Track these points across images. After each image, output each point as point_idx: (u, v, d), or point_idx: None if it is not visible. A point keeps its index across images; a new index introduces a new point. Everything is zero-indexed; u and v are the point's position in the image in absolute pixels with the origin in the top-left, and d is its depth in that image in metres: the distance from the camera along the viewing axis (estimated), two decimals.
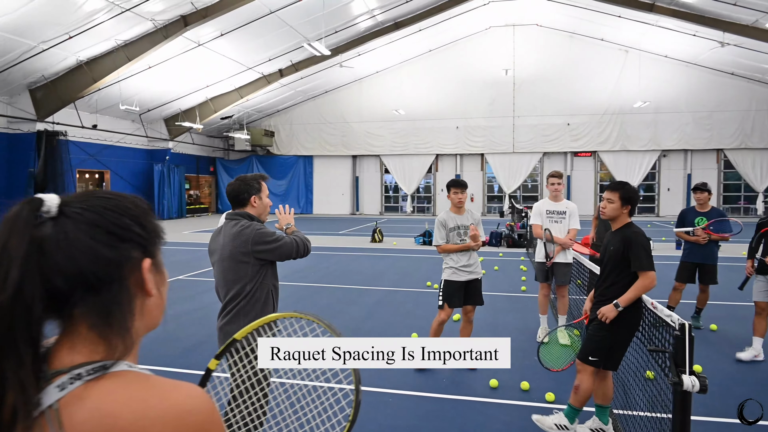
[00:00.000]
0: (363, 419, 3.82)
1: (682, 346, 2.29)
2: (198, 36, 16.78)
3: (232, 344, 1.18)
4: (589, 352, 3.32)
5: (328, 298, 8.01)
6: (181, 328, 6.19)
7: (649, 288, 3.17)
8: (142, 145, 23.58)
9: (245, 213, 2.84)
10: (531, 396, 4.26)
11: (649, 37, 22.11)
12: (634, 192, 3.44)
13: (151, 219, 0.85)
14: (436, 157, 27.60)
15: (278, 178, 29.22)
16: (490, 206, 27.87)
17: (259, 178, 2.90)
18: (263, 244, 2.74)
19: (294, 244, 2.83)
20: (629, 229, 3.36)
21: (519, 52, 25.56)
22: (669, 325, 2.54)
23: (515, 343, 5.56)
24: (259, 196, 2.87)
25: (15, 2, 12.20)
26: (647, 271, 3.18)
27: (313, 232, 18.87)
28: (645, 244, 3.25)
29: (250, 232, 2.73)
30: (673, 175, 25.54)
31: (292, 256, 2.83)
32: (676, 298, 6.20)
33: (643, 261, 3.18)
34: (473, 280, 4.91)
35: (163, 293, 0.87)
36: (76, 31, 14.32)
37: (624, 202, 3.36)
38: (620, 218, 3.42)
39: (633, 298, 3.18)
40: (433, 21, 21.77)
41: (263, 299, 2.80)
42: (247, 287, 2.75)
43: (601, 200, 3.58)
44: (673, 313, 2.53)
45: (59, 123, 18.17)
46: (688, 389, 2.21)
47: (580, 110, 25.44)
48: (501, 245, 14.52)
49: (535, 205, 6.04)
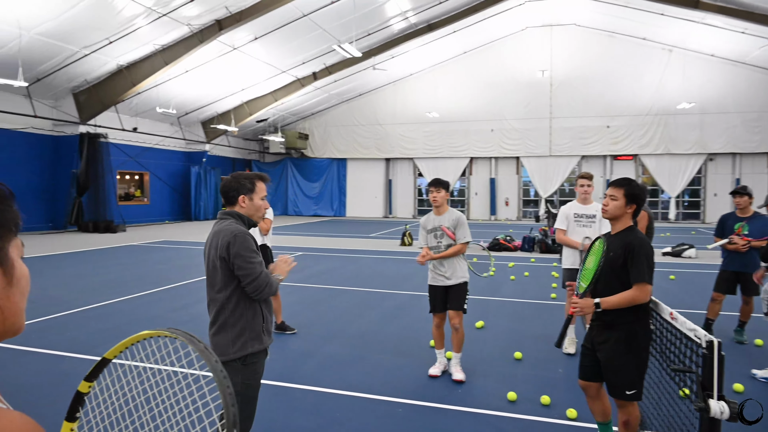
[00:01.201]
0: (369, 430, 3.66)
1: (709, 366, 2.03)
2: (233, 40, 17.04)
3: (103, 364, 1.02)
4: (623, 387, 2.92)
5: (350, 300, 7.88)
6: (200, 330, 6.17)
7: (638, 301, 2.86)
8: (180, 147, 24.16)
9: (233, 212, 2.68)
10: (551, 412, 3.99)
11: (694, 36, 21.15)
12: (641, 190, 3.07)
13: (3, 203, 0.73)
14: (471, 161, 27.20)
15: (312, 180, 29.44)
16: (526, 210, 27.25)
17: (256, 177, 2.72)
18: (239, 258, 2.52)
19: (265, 284, 2.56)
20: (633, 234, 3.00)
21: (556, 52, 24.93)
22: (693, 340, 2.27)
23: (537, 353, 5.32)
24: (249, 196, 2.68)
25: (58, 8, 12.66)
26: (645, 284, 2.86)
27: (343, 234, 18.84)
28: (650, 256, 2.91)
29: (229, 235, 2.54)
30: (720, 179, 24.31)
31: (255, 290, 2.55)
32: (715, 310, 5.77)
33: (645, 273, 2.86)
34: (456, 285, 4.63)
35: (16, 294, 0.74)
36: (116, 36, 14.77)
37: (629, 200, 3.02)
38: (623, 219, 3.07)
39: (616, 305, 2.87)
40: (468, 22, 21.47)
41: (251, 310, 2.61)
42: (222, 294, 2.57)
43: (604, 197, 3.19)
44: (697, 327, 2.25)
45: (101, 126, 18.79)
46: (716, 416, 1.95)
47: (620, 112, 24.57)
48: (534, 250, 14.10)
49: (562, 209, 5.71)
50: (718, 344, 2.05)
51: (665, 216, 25.07)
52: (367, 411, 4.00)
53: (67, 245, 14.34)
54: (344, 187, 29.29)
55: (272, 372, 4.69)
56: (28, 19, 12.66)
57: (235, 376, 2.55)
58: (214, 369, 0.92)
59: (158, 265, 11.27)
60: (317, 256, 12.84)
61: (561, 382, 4.62)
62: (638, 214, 3.09)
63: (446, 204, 4.80)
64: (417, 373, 4.82)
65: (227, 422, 0.86)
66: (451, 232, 4.64)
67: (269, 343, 2.72)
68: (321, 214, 29.16)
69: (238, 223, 2.65)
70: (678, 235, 18.06)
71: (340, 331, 6.20)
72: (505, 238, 14.54)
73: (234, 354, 2.56)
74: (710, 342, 2.06)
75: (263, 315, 2.67)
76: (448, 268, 4.66)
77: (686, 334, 2.37)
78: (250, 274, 2.53)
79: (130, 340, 1.00)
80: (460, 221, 4.68)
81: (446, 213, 4.75)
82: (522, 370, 4.90)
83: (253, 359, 2.62)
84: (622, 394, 2.93)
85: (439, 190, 4.68)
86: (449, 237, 4.64)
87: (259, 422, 3.68)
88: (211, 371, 0.91)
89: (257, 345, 2.62)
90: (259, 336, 2.63)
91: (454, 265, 4.66)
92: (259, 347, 2.63)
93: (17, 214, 0.77)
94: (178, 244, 15.21)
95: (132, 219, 21.12)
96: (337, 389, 4.40)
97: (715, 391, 1.98)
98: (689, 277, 10.07)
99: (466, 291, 4.69)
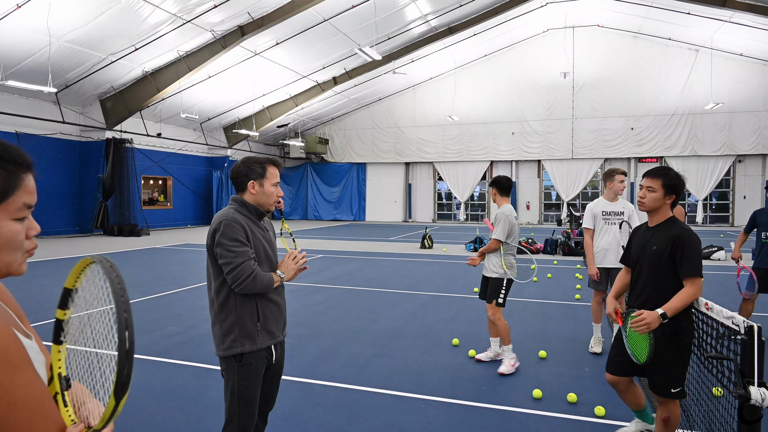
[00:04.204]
0: (392, 426, 3.61)
1: (750, 352, 1.94)
2: (254, 45, 17.25)
3: (68, 294, 1.10)
4: (668, 385, 2.80)
5: (372, 301, 7.85)
6: None
7: (696, 298, 2.72)
8: (203, 152, 24.50)
9: (239, 199, 2.51)
10: (578, 410, 3.89)
11: (721, 35, 20.68)
12: (679, 179, 2.90)
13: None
14: (491, 164, 27.00)
15: (332, 185, 29.57)
16: (547, 214, 26.92)
17: (267, 162, 2.52)
18: (220, 246, 2.35)
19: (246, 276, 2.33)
20: (677, 226, 2.83)
21: (579, 54, 24.66)
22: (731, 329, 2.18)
23: (563, 354, 5.21)
24: (259, 182, 2.48)
25: (86, 16, 12.98)
26: (698, 278, 2.71)
27: (363, 237, 18.84)
28: (700, 248, 2.77)
29: (216, 222, 2.40)
30: (749, 181, 23.68)
31: (234, 281, 2.34)
32: (747, 310, 5.58)
33: (699, 267, 2.71)
34: (490, 278, 4.84)
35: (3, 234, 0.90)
36: (141, 43, 15.09)
37: (668, 190, 2.85)
38: (662, 211, 2.90)
39: (680, 308, 2.70)
40: (488, 25, 21.37)
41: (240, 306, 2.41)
42: (212, 286, 2.44)
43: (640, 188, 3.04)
44: (735, 314, 2.16)
45: (126, 131, 19.18)
46: (757, 403, 1.86)
47: (645, 113, 24.15)
48: (557, 253, 13.90)
49: (588, 206, 5.58)
50: (758, 329, 1.96)
51: (692, 219, 24.49)
52: (390, 407, 3.95)
53: (93, 248, 14.63)
54: (364, 191, 29.34)
55: (295, 369, 4.68)
56: (58, 27, 13.02)
57: (232, 374, 2.42)
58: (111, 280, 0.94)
59: (179, 267, 11.41)
60: (338, 258, 12.85)
61: (588, 380, 4.51)
62: (676, 204, 2.96)
63: (500, 199, 4.88)
64: (440, 370, 4.76)
65: (119, 326, 0.89)
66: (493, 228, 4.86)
67: (267, 344, 2.47)
68: (341, 219, 29.24)
69: (238, 210, 2.48)
70: (706, 238, 17.62)
71: (362, 330, 6.18)
72: (527, 240, 14.37)
73: (223, 351, 2.42)
74: (750, 327, 1.98)
75: (259, 313, 2.44)
76: (487, 260, 4.89)
77: (723, 323, 2.28)
78: (229, 263, 2.33)
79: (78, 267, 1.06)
80: (497, 218, 4.78)
81: (498, 209, 4.90)
82: (547, 369, 4.81)
83: (250, 359, 2.42)
84: (668, 392, 2.80)
85: (492, 189, 4.90)
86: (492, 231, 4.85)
87: (284, 417, 3.68)
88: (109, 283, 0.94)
89: (248, 345, 2.40)
90: (251, 335, 2.41)
91: (489, 258, 4.87)
92: (251, 347, 2.41)
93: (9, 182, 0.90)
94: (199, 247, 15.39)
95: (155, 223, 21.47)
96: (360, 386, 4.37)
97: (756, 378, 1.90)
98: (719, 279, 9.79)
99: (500, 286, 4.75)
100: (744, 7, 16.70)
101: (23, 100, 16.41)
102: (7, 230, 0.91)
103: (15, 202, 0.91)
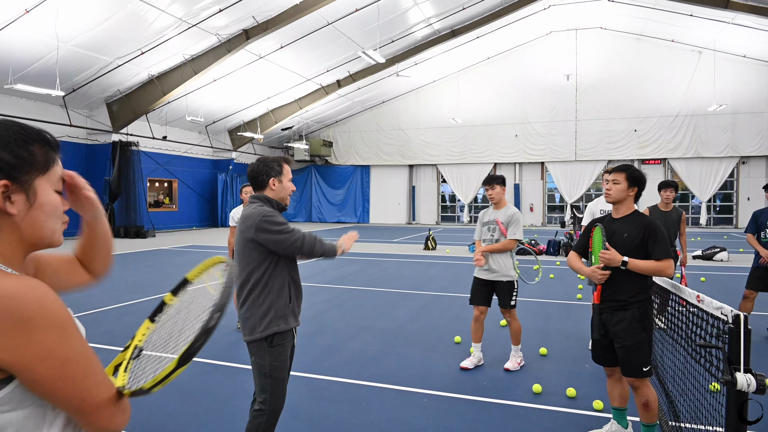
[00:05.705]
0: (395, 419, 3.70)
1: (736, 340, 2.03)
2: (259, 49, 17.40)
3: (185, 284, 1.21)
4: (641, 364, 3.04)
5: (375, 300, 7.94)
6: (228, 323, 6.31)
7: (665, 273, 3.02)
8: (208, 155, 24.68)
9: (262, 195, 2.75)
10: (577, 404, 3.97)
11: (724, 37, 20.72)
12: (641, 174, 3.23)
13: (23, 147, 0.94)
14: (494, 166, 27.06)
15: (336, 187, 29.69)
16: (551, 216, 26.94)
17: (282, 160, 2.79)
18: (265, 232, 2.59)
19: (301, 240, 2.63)
20: (645, 217, 3.15)
21: (582, 56, 24.72)
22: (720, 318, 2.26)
23: (564, 350, 5.28)
24: (278, 178, 2.75)
25: (93, 21, 13.16)
26: (670, 260, 3.03)
27: (367, 239, 18.94)
28: (664, 234, 3.09)
29: (257, 216, 2.61)
30: (753, 183, 23.64)
31: (295, 251, 2.64)
32: (747, 308, 5.64)
33: (668, 250, 3.05)
34: (501, 282, 4.70)
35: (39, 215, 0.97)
36: (147, 47, 15.25)
37: (631, 182, 3.17)
38: (626, 203, 3.21)
39: (642, 269, 3.02)
40: (492, 28, 21.46)
41: (277, 290, 2.66)
42: (254, 274, 2.65)
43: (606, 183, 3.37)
44: (723, 305, 2.24)
45: (132, 134, 19.36)
46: (743, 389, 1.95)
47: (648, 115, 24.17)
48: (559, 254, 13.95)
49: (588, 205, 5.69)
50: (744, 318, 2.05)
51: (696, 221, 24.48)
52: (393, 401, 4.04)
53: None
54: (368, 193, 29.45)
55: (299, 364, 4.77)
56: (66, 31, 13.19)
57: (263, 357, 2.65)
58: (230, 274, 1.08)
59: (186, 267, 11.47)
60: (342, 259, 12.94)
61: (587, 376, 4.59)
62: (639, 198, 3.22)
63: (504, 199, 4.81)
64: (442, 366, 4.84)
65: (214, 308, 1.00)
66: (504, 227, 4.67)
67: (295, 325, 2.74)
68: (345, 221, 29.35)
69: (266, 206, 2.71)
70: (709, 240, 17.63)
71: (366, 328, 6.27)
72: (530, 242, 14.44)
73: (261, 332, 2.62)
74: (736, 316, 2.06)
75: (290, 295, 2.72)
76: (493, 262, 4.69)
77: (712, 314, 2.37)
78: (287, 239, 2.59)
79: (208, 263, 1.18)
80: (514, 218, 4.68)
81: (504, 208, 4.77)
82: (548, 365, 4.89)
83: (280, 340, 2.66)
84: (639, 372, 3.04)
85: (494, 187, 4.73)
86: (502, 232, 4.66)
87: (290, 410, 3.76)
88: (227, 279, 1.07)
89: (283, 324, 2.66)
90: (285, 316, 2.67)
91: (498, 261, 4.68)
92: (285, 327, 2.67)
93: (49, 155, 1.00)
94: (204, 248, 15.53)
95: (161, 225, 21.64)
96: (363, 380, 4.46)
97: (741, 365, 1.98)
98: (721, 280, 9.83)
99: (512, 289, 4.70)
100: (747, 8, 16.73)
101: (31, 103, 16.61)
102: (53, 198, 1.00)
103: (56, 174, 1.01)
